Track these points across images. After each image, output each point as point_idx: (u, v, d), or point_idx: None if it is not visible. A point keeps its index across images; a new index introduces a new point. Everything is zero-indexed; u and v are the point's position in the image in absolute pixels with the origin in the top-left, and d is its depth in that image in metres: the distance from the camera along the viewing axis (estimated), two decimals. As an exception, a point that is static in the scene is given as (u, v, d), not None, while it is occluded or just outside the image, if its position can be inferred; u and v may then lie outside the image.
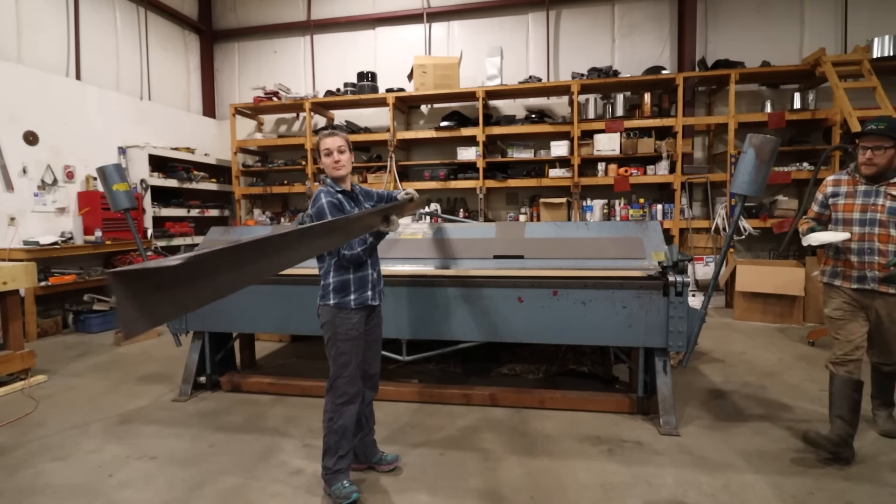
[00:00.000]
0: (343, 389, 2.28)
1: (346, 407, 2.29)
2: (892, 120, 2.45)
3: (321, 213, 2.21)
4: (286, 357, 4.52)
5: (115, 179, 3.34)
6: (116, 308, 1.03)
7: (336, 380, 2.29)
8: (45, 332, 5.37)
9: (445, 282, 3.16)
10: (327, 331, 2.31)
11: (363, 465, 2.54)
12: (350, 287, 2.30)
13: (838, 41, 6.63)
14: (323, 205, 2.23)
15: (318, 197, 2.28)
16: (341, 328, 2.28)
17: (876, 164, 2.45)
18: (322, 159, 2.34)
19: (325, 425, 2.31)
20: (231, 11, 8.50)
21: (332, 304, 2.29)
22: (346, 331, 2.28)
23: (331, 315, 2.29)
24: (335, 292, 2.29)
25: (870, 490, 2.31)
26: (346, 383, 2.28)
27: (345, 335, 2.28)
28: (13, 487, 2.46)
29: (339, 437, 2.27)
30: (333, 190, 2.31)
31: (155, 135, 7.16)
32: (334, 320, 2.28)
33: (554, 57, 7.42)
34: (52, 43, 6.07)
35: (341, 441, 2.28)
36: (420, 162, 7.42)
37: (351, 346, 2.29)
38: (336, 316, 2.28)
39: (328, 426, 2.29)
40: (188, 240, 7.05)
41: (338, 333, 2.28)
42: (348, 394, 2.29)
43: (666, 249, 3.07)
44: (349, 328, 2.28)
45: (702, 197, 6.79)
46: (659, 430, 2.92)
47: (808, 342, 4.65)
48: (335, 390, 2.29)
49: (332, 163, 2.31)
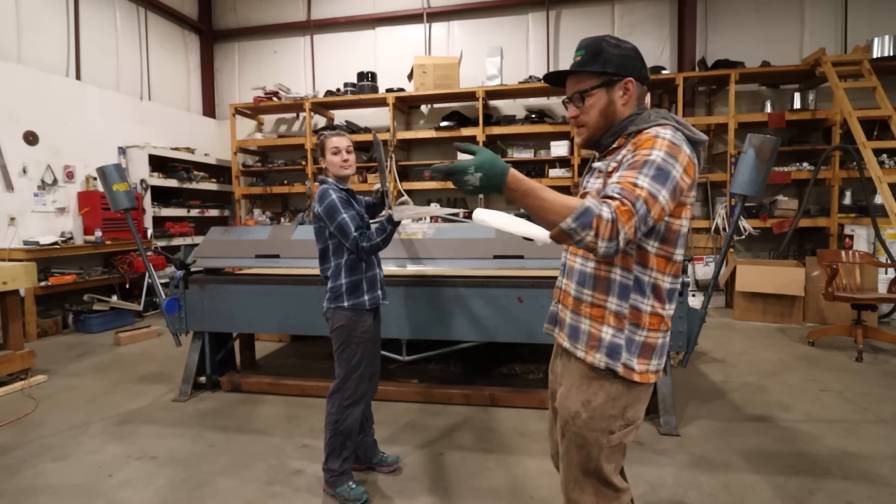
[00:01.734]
0: (353, 390, 2.28)
1: (353, 408, 2.28)
2: (593, 46, 1.32)
3: (333, 208, 2.17)
4: (286, 357, 4.51)
5: (115, 179, 3.34)
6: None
7: (346, 381, 2.27)
8: (45, 332, 5.37)
9: (445, 282, 3.16)
10: (342, 334, 2.27)
11: (363, 465, 2.54)
12: (363, 287, 2.28)
13: (838, 41, 6.63)
14: (334, 200, 2.19)
15: (327, 193, 2.22)
16: (357, 331, 2.26)
17: (584, 125, 1.37)
18: (328, 157, 2.31)
19: (329, 428, 2.28)
20: (231, 11, 8.50)
21: (346, 307, 2.25)
22: (362, 333, 2.27)
23: (345, 318, 2.25)
24: (349, 294, 2.25)
25: (870, 490, 2.31)
26: (357, 384, 2.28)
27: (360, 338, 2.26)
28: (13, 487, 2.45)
29: (344, 438, 2.27)
30: (338, 187, 2.29)
31: (155, 135, 7.15)
32: (350, 323, 2.25)
33: (554, 57, 7.42)
34: (52, 43, 6.07)
35: (346, 442, 2.28)
36: (420, 162, 7.43)
37: (364, 347, 2.28)
38: (351, 319, 2.25)
39: (333, 428, 2.27)
40: (188, 240, 7.04)
41: (353, 336, 2.25)
42: (357, 394, 2.29)
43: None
44: (364, 330, 2.28)
45: (702, 197, 6.79)
46: (659, 430, 2.92)
47: (808, 342, 4.65)
48: (343, 392, 2.27)
49: (340, 161, 2.29)
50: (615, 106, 1.31)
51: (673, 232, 1.27)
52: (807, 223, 6.12)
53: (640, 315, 1.28)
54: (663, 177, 1.14)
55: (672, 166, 1.16)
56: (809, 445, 2.74)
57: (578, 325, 1.35)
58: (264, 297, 3.39)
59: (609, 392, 1.31)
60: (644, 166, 1.15)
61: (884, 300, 4.54)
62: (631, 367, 1.28)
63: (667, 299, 1.30)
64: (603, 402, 1.31)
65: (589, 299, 1.33)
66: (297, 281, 3.34)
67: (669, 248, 1.28)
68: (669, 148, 1.18)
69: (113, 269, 6.03)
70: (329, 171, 2.34)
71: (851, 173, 5.90)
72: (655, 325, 1.29)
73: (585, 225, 1.07)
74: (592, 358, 1.31)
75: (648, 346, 1.28)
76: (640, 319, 1.28)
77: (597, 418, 1.31)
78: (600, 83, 1.30)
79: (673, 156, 1.17)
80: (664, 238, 1.27)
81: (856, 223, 5.91)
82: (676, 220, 1.27)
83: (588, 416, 1.32)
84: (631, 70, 1.30)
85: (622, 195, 1.10)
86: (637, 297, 1.28)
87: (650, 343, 1.29)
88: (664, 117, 1.28)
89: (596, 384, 1.32)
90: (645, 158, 1.16)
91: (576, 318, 1.36)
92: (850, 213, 6.07)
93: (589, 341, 1.32)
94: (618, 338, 1.29)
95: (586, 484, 1.35)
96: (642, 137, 1.23)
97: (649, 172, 1.14)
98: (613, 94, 1.31)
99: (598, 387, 1.31)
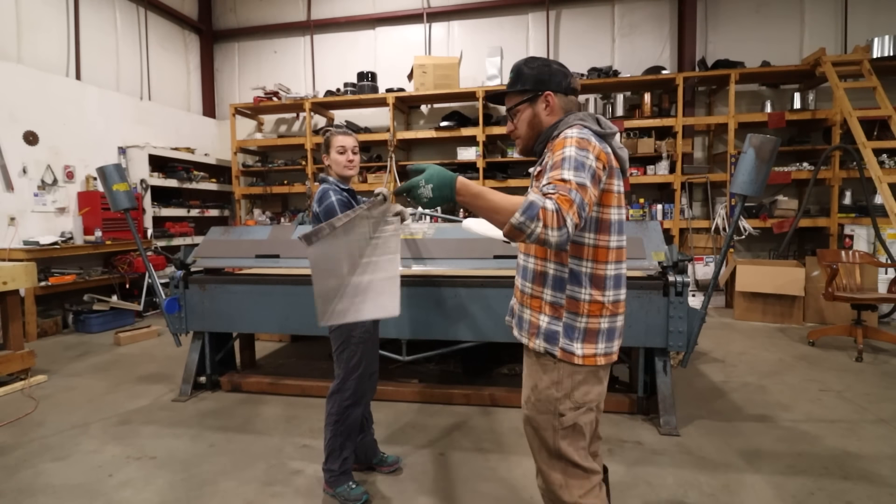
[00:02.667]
0: (353, 390, 2.27)
1: (353, 408, 2.27)
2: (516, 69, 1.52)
3: (331, 211, 2.11)
4: (286, 357, 4.51)
5: (115, 179, 3.34)
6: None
7: (346, 381, 2.27)
8: (45, 332, 5.37)
9: (445, 282, 3.16)
10: (340, 335, 2.26)
11: (363, 466, 2.53)
12: None
13: (838, 41, 6.63)
14: (333, 203, 2.14)
15: (327, 194, 2.17)
16: (356, 332, 2.24)
17: (518, 136, 1.55)
18: (333, 156, 2.27)
19: (329, 428, 2.28)
20: (231, 11, 8.50)
21: None
22: (361, 334, 2.26)
23: None
24: None
25: (870, 490, 2.31)
26: (357, 384, 2.27)
27: (359, 338, 2.26)
28: (13, 487, 2.45)
29: (344, 438, 2.27)
30: (339, 188, 2.24)
31: (155, 135, 7.15)
32: (348, 324, 2.19)
33: (554, 57, 7.41)
34: (52, 43, 6.07)
35: (346, 442, 2.27)
36: (420, 162, 7.42)
37: (364, 348, 2.28)
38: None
39: (334, 429, 2.26)
40: (188, 240, 7.04)
41: (352, 337, 2.25)
42: (357, 394, 2.28)
43: (666, 249, 3.07)
44: (363, 331, 2.26)
45: (702, 197, 6.79)
46: (659, 430, 2.92)
47: (808, 342, 4.65)
48: (343, 392, 2.27)
49: (345, 161, 2.27)
50: (540, 117, 1.49)
51: (605, 222, 1.40)
52: (807, 223, 6.12)
53: (578, 304, 1.41)
54: (581, 167, 1.27)
55: (585, 157, 1.29)
56: (809, 445, 2.75)
57: (522, 315, 1.52)
58: (264, 297, 3.39)
59: (552, 376, 1.43)
60: (563, 163, 1.28)
61: (884, 300, 4.53)
62: (570, 350, 1.40)
63: (608, 286, 1.42)
64: (547, 385, 1.44)
65: (529, 291, 1.49)
66: (298, 281, 3.34)
67: (605, 236, 1.40)
68: (578, 143, 1.31)
69: (113, 269, 6.02)
70: (332, 169, 2.29)
71: (851, 173, 5.90)
72: (596, 312, 1.41)
73: (532, 217, 1.16)
74: (533, 344, 1.46)
75: (591, 331, 1.41)
76: (578, 308, 1.41)
77: (543, 401, 1.45)
78: (524, 100, 1.49)
79: (583, 148, 1.31)
80: (598, 228, 1.40)
81: (856, 223, 5.91)
82: (607, 209, 1.40)
83: (536, 399, 1.47)
84: (548, 84, 1.47)
85: (557, 189, 1.22)
86: (574, 287, 1.41)
87: (592, 328, 1.41)
88: (578, 119, 1.42)
89: (540, 369, 1.46)
90: (562, 157, 1.29)
91: (521, 309, 1.54)
92: (850, 213, 6.07)
93: (529, 329, 1.49)
94: (554, 325, 1.42)
95: (554, 463, 1.47)
96: (556, 141, 1.37)
97: (570, 166, 1.26)
98: (537, 107, 1.49)
99: (542, 371, 1.45)
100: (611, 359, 1.44)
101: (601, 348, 1.42)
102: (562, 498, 1.45)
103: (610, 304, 1.42)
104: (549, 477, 1.47)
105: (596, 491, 1.46)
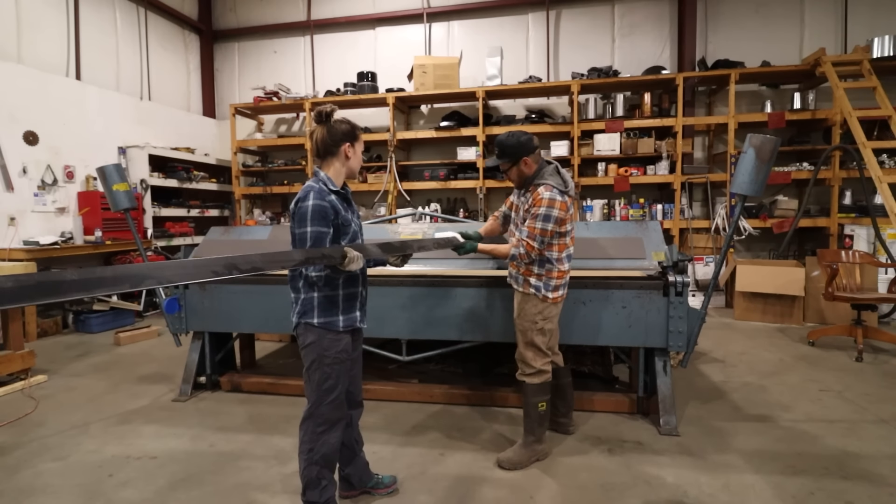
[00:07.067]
0: (326, 416, 2.03)
1: (327, 435, 2.04)
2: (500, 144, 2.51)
3: (304, 216, 1.90)
4: (286, 357, 4.52)
5: (115, 179, 3.34)
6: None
7: (318, 407, 2.02)
8: (45, 332, 5.37)
9: (445, 282, 3.16)
10: (311, 353, 2.00)
11: (357, 491, 2.33)
12: (338, 304, 2.02)
13: (838, 41, 6.63)
14: (309, 207, 1.91)
15: (308, 196, 1.93)
16: (330, 351, 2.00)
17: (511, 181, 2.62)
18: (356, 151, 2.10)
19: (303, 458, 2.04)
20: (231, 11, 8.50)
21: (316, 325, 1.98)
22: (336, 353, 2.01)
23: (316, 335, 1.99)
24: (321, 309, 1.99)
25: (870, 490, 2.31)
26: (331, 409, 2.03)
27: (334, 358, 2.01)
28: (13, 487, 2.46)
29: (320, 467, 2.04)
30: (327, 189, 2.00)
31: (155, 135, 7.16)
32: (321, 342, 1.99)
33: (554, 57, 7.42)
34: (52, 43, 6.07)
35: (323, 471, 2.05)
36: (420, 162, 7.42)
37: (339, 369, 2.02)
38: (324, 337, 1.99)
39: (307, 458, 2.03)
40: (188, 240, 7.04)
41: (325, 357, 1.99)
42: (331, 420, 2.04)
43: (666, 249, 3.07)
44: (339, 351, 2.02)
45: (702, 197, 6.79)
46: (659, 430, 2.92)
47: (808, 342, 4.65)
48: (316, 418, 2.02)
49: (358, 162, 2.14)
50: (523, 171, 2.53)
51: (563, 234, 2.49)
52: (807, 223, 6.12)
53: (551, 272, 2.51)
54: (548, 219, 2.39)
55: (552, 210, 2.39)
56: (809, 445, 2.75)
57: (518, 276, 2.59)
58: (264, 298, 3.39)
59: (534, 304, 2.53)
60: (537, 218, 2.41)
61: (884, 300, 4.54)
62: (546, 294, 2.52)
63: (564, 263, 2.53)
64: (530, 308, 2.54)
65: (524, 267, 2.56)
66: (297, 281, 3.33)
67: (563, 240, 2.50)
68: (549, 202, 2.39)
69: (113, 269, 6.01)
70: (337, 163, 2.07)
71: (851, 173, 5.90)
72: (559, 276, 2.53)
73: (516, 255, 2.49)
74: (527, 290, 2.55)
75: (555, 286, 2.53)
76: (551, 274, 2.51)
77: (524, 316, 2.56)
78: (510, 164, 2.54)
79: (551, 206, 2.39)
80: (559, 237, 2.49)
81: (856, 223, 5.91)
82: (564, 226, 2.47)
83: (524, 315, 2.56)
84: (524, 152, 2.48)
85: (529, 237, 2.43)
86: (549, 265, 2.51)
87: (556, 284, 2.52)
88: (550, 175, 2.49)
89: (528, 301, 2.55)
90: (537, 212, 2.40)
91: (517, 274, 2.60)
92: (850, 213, 6.07)
93: (524, 284, 2.56)
94: (539, 282, 2.52)
95: (529, 347, 2.58)
96: (535, 195, 2.44)
97: (539, 219, 2.40)
98: (520, 166, 2.52)
99: (527, 302, 2.55)
100: (562, 297, 2.56)
101: (560, 294, 2.55)
102: (531, 364, 2.56)
103: (564, 270, 2.54)
104: (524, 354, 2.58)
105: (548, 365, 2.60)
